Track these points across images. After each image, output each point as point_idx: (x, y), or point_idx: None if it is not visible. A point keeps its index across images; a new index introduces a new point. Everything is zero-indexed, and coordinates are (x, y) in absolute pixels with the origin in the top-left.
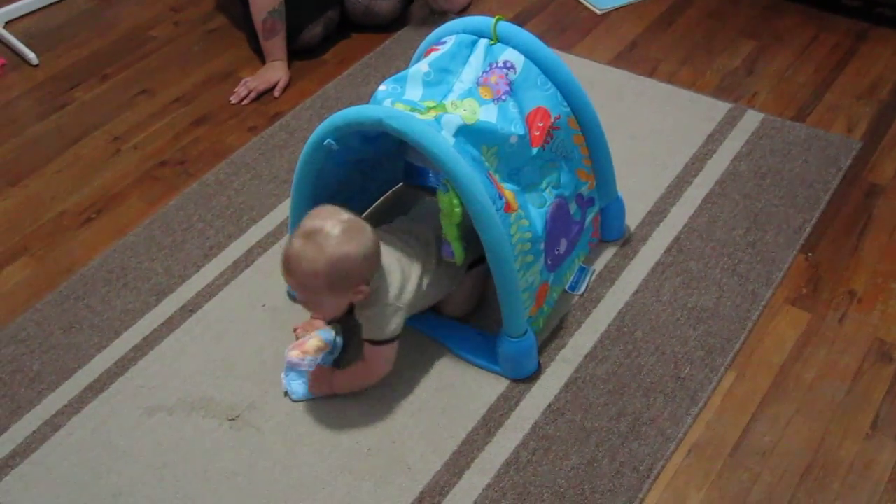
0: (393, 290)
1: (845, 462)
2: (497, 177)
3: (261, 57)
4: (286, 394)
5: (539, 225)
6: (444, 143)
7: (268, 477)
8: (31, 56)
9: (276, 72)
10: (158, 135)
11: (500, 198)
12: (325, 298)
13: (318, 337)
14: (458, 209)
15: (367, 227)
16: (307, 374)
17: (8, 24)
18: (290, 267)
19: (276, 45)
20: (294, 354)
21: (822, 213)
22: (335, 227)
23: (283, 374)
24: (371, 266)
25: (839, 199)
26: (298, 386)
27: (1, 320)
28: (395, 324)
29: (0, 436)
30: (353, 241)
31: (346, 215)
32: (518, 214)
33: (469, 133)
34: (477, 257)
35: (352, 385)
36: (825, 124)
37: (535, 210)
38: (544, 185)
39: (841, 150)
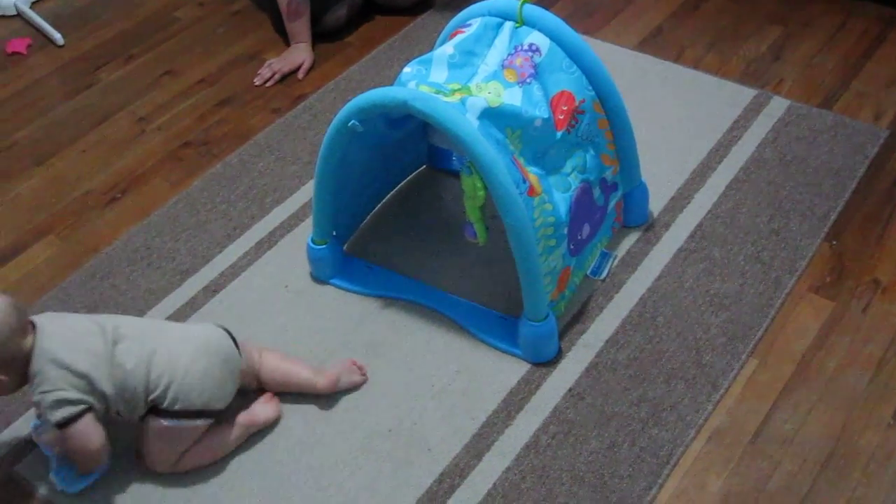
0: (44, 385)
1: (866, 451)
2: (522, 160)
3: (285, 39)
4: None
5: (563, 209)
6: (468, 125)
7: (288, 457)
8: (57, 36)
9: (300, 54)
10: (183, 116)
11: (524, 181)
12: None
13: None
14: (481, 192)
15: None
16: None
17: (34, 5)
18: None
19: (300, 28)
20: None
21: (848, 201)
22: None
23: (51, 473)
24: None
25: (865, 188)
26: (67, 473)
27: (26, 298)
28: (55, 415)
29: (24, 414)
30: None
31: None
32: (542, 198)
33: (493, 116)
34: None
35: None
36: (852, 112)
37: (560, 194)
38: (569, 169)
39: (868, 138)
